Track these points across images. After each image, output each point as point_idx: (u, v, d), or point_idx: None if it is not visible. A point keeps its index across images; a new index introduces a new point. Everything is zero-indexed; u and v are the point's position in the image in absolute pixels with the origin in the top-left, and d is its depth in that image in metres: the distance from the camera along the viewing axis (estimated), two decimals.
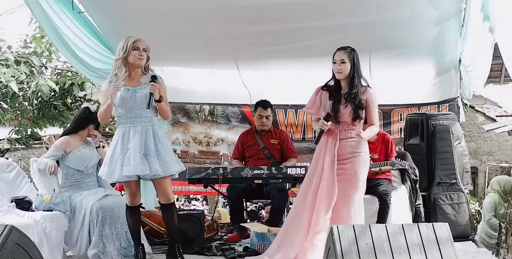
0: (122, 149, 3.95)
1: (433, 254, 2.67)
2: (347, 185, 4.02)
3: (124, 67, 4.01)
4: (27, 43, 7.76)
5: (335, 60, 4.10)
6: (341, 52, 4.10)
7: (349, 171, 4.04)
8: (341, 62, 4.06)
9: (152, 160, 3.92)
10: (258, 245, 4.67)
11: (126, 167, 3.90)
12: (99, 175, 4.31)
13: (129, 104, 3.99)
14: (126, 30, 5.55)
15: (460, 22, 5.34)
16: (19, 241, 2.80)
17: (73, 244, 4.45)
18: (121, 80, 4.01)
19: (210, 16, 5.27)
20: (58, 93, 7.51)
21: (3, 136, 8.88)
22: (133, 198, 4.11)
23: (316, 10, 5.12)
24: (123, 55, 3.99)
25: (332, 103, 4.09)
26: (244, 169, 5.02)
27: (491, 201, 6.51)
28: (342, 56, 4.07)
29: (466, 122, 11.59)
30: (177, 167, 4.06)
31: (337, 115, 4.06)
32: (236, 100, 6.91)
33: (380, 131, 5.55)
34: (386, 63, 6.07)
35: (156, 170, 3.92)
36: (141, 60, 4.01)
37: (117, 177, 3.98)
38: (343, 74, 4.08)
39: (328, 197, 3.99)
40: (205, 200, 11.96)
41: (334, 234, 2.77)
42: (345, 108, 4.07)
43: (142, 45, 4.02)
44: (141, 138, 3.94)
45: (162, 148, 3.99)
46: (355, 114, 4.06)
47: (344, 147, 4.07)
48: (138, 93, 3.99)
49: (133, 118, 4.00)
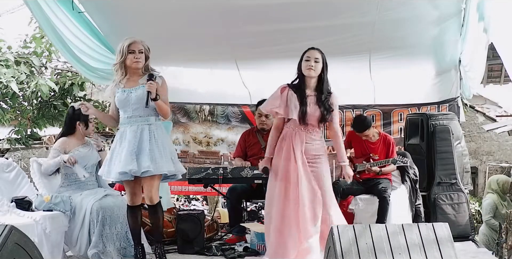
0: (119, 149, 3.99)
1: (433, 254, 2.68)
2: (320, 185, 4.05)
3: (120, 70, 4.05)
4: (27, 43, 7.75)
5: (308, 57, 4.05)
6: (315, 51, 4.09)
7: (317, 173, 4.07)
8: (315, 61, 4.04)
9: (143, 159, 3.91)
10: (258, 245, 4.67)
11: (118, 164, 3.94)
12: (99, 174, 4.32)
13: (125, 104, 4.03)
14: (126, 30, 5.56)
15: (460, 22, 5.34)
16: (19, 241, 2.80)
17: (73, 244, 4.45)
18: (119, 83, 4.05)
19: (210, 16, 5.26)
20: (58, 93, 7.51)
21: (3, 136, 8.87)
22: (133, 197, 4.12)
23: (316, 10, 5.12)
24: (120, 59, 4.03)
25: (300, 104, 4.05)
26: (244, 169, 5.02)
27: (490, 202, 6.49)
28: (316, 55, 4.06)
29: (466, 122, 11.59)
30: (170, 167, 4.00)
31: (305, 117, 4.03)
32: (236, 100, 6.91)
33: (381, 132, 5.56)
34: (386, 63, 6.07)
35: (147, 168, 3.89)
36: (137, 63, 4.03)
37: (113, 176, 4.01)
38: (316, 72, 4.05)
39: (313, 207, 3.99)
40: (205, 200, 11.94)
41: (334, 234, 2.77)
42: (315, 111, 4.05)
43: (138, 47, 4.02)
44: (135, 137, 3.96)
45: (157, 147, 3.97)
46: (323, 118, 4.06)
47: (309, 150, 4.08)
48: (133, 93, 4.02)
49: (130, 118, 4.04)
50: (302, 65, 4.08)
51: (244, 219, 5.35)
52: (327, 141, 4.98)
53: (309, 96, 4.08)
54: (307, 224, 3.97)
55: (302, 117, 4.03)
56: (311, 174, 4.05)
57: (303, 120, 4.03)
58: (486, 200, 6.59)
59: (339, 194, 5.06)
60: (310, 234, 3.96)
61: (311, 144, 4.09)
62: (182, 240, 4.80)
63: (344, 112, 6.66)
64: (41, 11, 4.94)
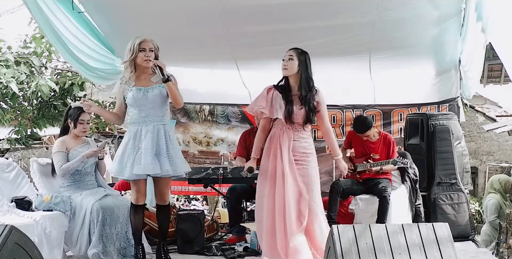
0: (133, 148, 4.01)
1: (433, 254, 2.68)
2: (307, 183, 4.07)
3: (130, 67, 4.07)
4: (27, 43, 7.75)
5: (283, 57, 4.11)
6: (291, 50, 4.13)
7: (306, 170, 4.08)
8: (289, 59, 4.09)
9: (164, 160, 3.99)
10: (258, 245, 4.66)
11: (137, 166, 3.96)
12: (108, 172, 4.31)
13: (141, 103, 4.04)
14: (126, 30, 5.56)
15: (460, 22, 5.34)
16: (19, 241, 2.80)
17: (73, 244, 4.45)
18: (130, 81, 4.07)
19: (210, 16, 5.26)
20: (58, 93, 7.51)
21: (3, 136, 8.87)
22: (139, 196, 4.14)
23: (316, 10, 5.11)
24: (130, 57, 4.05)
25: (285, 104, 4.07)
26: (244, 169, 5.02)
27: (494, 202, 6.43)
28: (290, 53, 4.11)
29: (466, 122, 11.60)
30: (186, 168, 4.16)
31: (291, 116, 4.05)
32: (236, 100, 6.91)
33: (382, 131, 5.56)
34: (386, 63, 6.07)
35: (167, 170, 3.99)
36: (147, 62, 4.05)
37: (127, 175, 4.01)
38: (289, 70, 4.09)
39: (298, 206, 4.01)
40: (205, 200, 11.95)
41: (334, 234, 2.77)
42: (300, 110, 4.07)
43: (149, 45, 4.06)
44: (152, 138, 4.00)
45: (172, 148, 4.07)
46: (307, 118, 4.08)
47: (297, 147, 4.10)
48: (149, 92, 4.06)
49: (145, 117, 4.05)
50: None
51: (244, 219, 5.35)
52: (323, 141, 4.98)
53: (294, 95, 4.11)
54: (292, 224, 3.98)
55: (288, 116, 4.06)
56: (297, 172, 4.06)
57: (289, 119, 4.07)
58: (490, 200, 6.53)
59: (339, 194, 5.07)
60: (296, 233, 3.97)
61: (299, 141, 4.11)
62: (182, 240, 4.80)
63: (344, 112, 6.66)
64: (40, 11, 4.93)
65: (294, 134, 4.10)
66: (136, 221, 4.19)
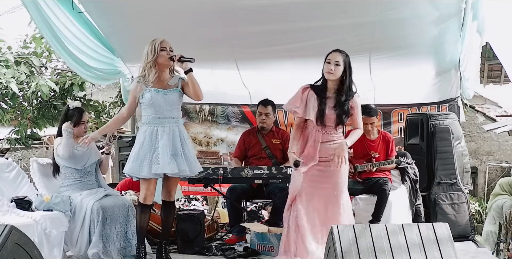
0: (150, 148, 4.05)
1: (433, 254, 2.68)
2: (334, 186, 4.06)
3: (154, 68, 4.12)
4: (27, 43, 7.76)
5: (329, 59, 4.05)
6: (337, 53, 4.06)
7: (331, 173, 4.06)
8: (336, 64, 4.02)
9: (180, 160, 4.07)
10: (258, 245, 4.67)
11: (155, 165, 4.02)
12: (123, 172, 4.30)
13: (159, 104, 4.10)
14: (126, 30, 5.57)
15: (460, 22, 5.34)
16: (19, 241, 2.80)
17: (73, 244, 4.45)
18: (150, 82, 4.11)
19: (210, 16, 5.26)
20: (58, 93, 7.52)
21: (3, 136, 8.88)
22: (148, 195, 4.16)
23: (316, 10, 5.12)
24: (152, 57, 4.10)
25: (318, 105, 4.05)
26: (244, 169, 5.02)
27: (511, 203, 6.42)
28: (337, 58, 4.03)
29: (466, 122, 11.60)
30: (200, 168, 4.31)
31: (323, 119, 4.03)
32: (236, 100, 6.91)
33: (381, 130, 5.55)
34: (386, 63, 6.06)
35: (184, 170, 4.09)
36: (169, 60, 4.12)
37: (145, 174, 4.04)
38: (334, 75, 4.04)
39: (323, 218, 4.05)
40: (205, 200, 11.94)
41: (334, 234, 2.77)
42: (332, 113, 4.04)
43: (169, 45, 4.15)
44: (169, 139, 4.07)
45: (187, 148, 4.16)
46: (340, 120, 4.05)
47: (326, 149, 4.07)
48: (168, 95, 4.13)
49: (162, 119, 4.11)
50: (324, 67, 4.07)
51: (244, 219, 5.35)
52: None
53: (328, 98, 4.08)
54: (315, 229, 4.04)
55: (319, 119, 4.03)
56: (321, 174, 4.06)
57: (320, 121, 4.04)
58: (505, 202, 6.50)
59: None
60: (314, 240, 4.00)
61: (328, 144, 4.08)
62: (182, 240, 4.80)
63: None
64: (37, 10, 4.94)
65: (323, 136, 4.07)
66: (142, 221, 4.20)
